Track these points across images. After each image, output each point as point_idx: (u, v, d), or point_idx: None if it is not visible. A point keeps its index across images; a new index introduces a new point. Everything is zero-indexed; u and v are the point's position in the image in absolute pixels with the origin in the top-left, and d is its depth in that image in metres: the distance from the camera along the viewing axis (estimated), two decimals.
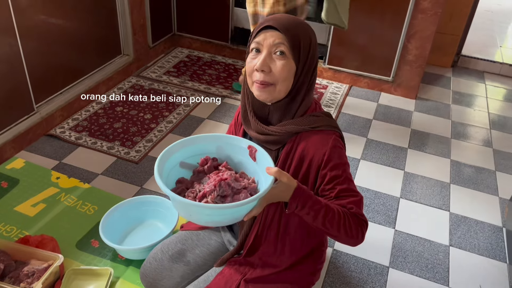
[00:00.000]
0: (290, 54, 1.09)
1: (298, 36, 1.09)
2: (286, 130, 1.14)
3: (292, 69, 1.10)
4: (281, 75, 1.09)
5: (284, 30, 1.08)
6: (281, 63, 1.09)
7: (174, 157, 1.13)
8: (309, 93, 1.17)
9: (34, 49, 2.27)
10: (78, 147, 2.34)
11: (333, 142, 1.14)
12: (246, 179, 1.10)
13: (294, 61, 1.10)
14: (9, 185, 2.04)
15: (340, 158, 1.14)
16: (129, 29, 2.94)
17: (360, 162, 2.42)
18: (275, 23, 1.08)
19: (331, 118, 1.20)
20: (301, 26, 1.11)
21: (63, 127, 2.48)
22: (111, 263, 1.72)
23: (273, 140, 1.17)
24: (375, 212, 2.10)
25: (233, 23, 3.30)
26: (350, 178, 1.15)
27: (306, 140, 1.15)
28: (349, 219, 1.09)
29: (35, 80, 2.29)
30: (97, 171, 2.19)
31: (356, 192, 1.15)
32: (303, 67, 1.12)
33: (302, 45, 1.10)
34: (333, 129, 1.17)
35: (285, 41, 1.08)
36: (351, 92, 3.12)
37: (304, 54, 1.11)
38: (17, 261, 1.62)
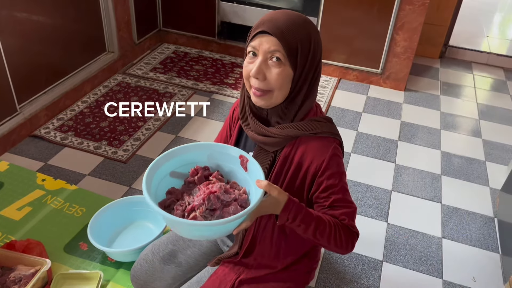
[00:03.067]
0: (287, 60, 1.02)
1: (295, 40, 1.02)
2: (286, 134, 1.10)
3: (289, 75, 1.05)
4: (276, 82, 1.04)
5: (280, 36, 1.00)
6: (276, 71, 1.03)
7: (164, 167, 1.10)
8: (310, 96, 1.12)
9: (15, 47, 2.20)
10: (64, 148, 2.29)
11: (332, 150, 1.11)
12: (237, 190, 1.08)
13: (291, 68, 1.04)
14: None
15: (338, 167, 1.11)
16: (113, 26, 2.88)
17: (351, 155, 2.41)
18: (271, 28, 1.01)
19: (333, 124, 1.16)
20: (301, 28, 1.03)
21: (48, 128, 2.42)
22: (101, 266, 1.68)
23: (271, 142, 1.13)
24: (367, 206, 2.08)
25: (220, 18, 3.25)
26: (346, 188, 1.13)
27: (306, 145, 1.12)
28: (340, 231, 1.08)
29: (17, 80, 2.23)
30: (84, 171, 2.15)
31: (350, 203, 1.12)
32: (302, 72, 1.06)
33: (300, 50, 1.03)
34: (334, 136, 1.14)
35: (281, 48, 1.01)
36: (340, 85, 3.10)
37: (303, 59, 1.04)
38: (3, 267, 1.57)
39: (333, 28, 2.98)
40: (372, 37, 2.93)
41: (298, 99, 1.10)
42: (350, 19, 2.91)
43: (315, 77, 1.10)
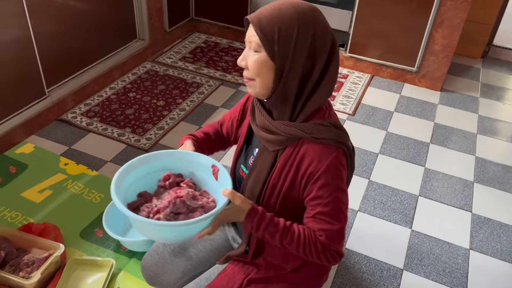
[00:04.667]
0: (262, 48, 0.99)
1: (272, 28, 0.97)
2: (287, 132, 1.05)
3: (266, 64, 1.00)
4: (253, 70, 1.02)
5: (256, 23, 0.99)
6: (252, 58, 1.01)
7: (139, 170, 1.11)
8: (311, 97, 1.04)
9: (46, 31, 2.23)
10: (88, 133, 2.31)
11: (332, 160, 1.03)
12: (206, 198, 1.08)
13: (268, 56, 0.99)
14: (17, 170, 2.03)
15: (334, 179, 1.04)
16: (145, 13, 2.87)
17: (378, 156, 2.31)
18: (252, 16, 1.01)
19: (341, 131, 1.08)
20: (283, 17, 0.97)
21: (74, 112, 2.45)
22: (114, 254, 1.68)
23: (273, 140, 1.09)
24: (391, 210, 1.99)
25: (252, 8, 3.19)
26: (337, 203, 1.05)
27: (307, 148, 1.05)
28: (311, 246, 1.06)
29: (46, 64, 2.26)
30: (106, 158, 2.15)
31: (336, 220, 1.05)
32: (284, 63, 0.99)
33: (278, 38, 0.97)
34: (338, 144, 1.05)
35: (256, 36, 0.99)
36: (373, 83, 2.98)
37: (282, 48, 0.98)
38: (19, 248, 1.60)
39: (368, 22, 2.86)
40: (409, 33, 2.80)
41: (290, 95, 1.03)
42: (386, 14, 2.79)
43: (313, 76, 1.01)
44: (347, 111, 2.64)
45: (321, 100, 1.05)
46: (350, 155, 1.10)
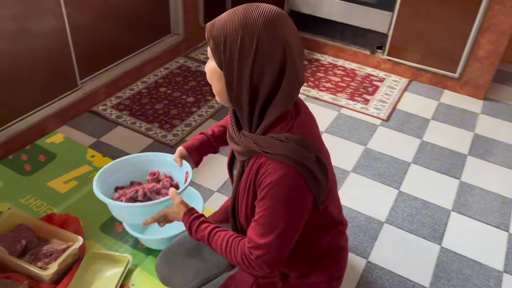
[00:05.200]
0: (212, 56, 1.00)
1: (219, 35, 0.96)
2: (245, 144, 1.03)
3: (215, 72, 1.00)
4: (207, 77, 1.05)
5: (208, 30, 0.99)
6: (207, 65, 1.03)
7: (126, 168, 1.43)
8: (268, 108, 0.99)
9: (81, 23, 2.25)
10: (117, 126, 2.33)
11: (280, 176, 0.97)
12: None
13: (217, 64, 0.99)
14: (46, 159, 2.06)
15: (274, 199, 0.98)
16: (180, 7, 2.87)
17: (411, 166, 2.20)
18: (208, 25, 1.00)
19: (299, 147, 0.98)
20: (231, 23, 0.94)
21: (105, 105, 2.47)
22: (132, 250, 1.67)
23: (237, 150, 1.08)
24: (420, 224, 1.89)
25: (289, 6, 3.13)
26: (273, 218, 1.00)
27: (264, 161, 1.01)
28: (231, 253, 1.08)
29: (80, 56, 2.29)
30: (132, 152, 2.16)
31: (266, 234, 1.00)
32: (229, 70, 0.96)
33: (224, 46, 0.95)
34: (290, 162, 0.97)
35: (208, 42, 1.00)
36: (410, 88, 2.85)
37: (228, 56, 0.95)
38: (40, 238, 1.62)
39: (409, 24, 2.73)
40: (452, 37, 2.65)
41: (243, 105, 0.99)
42: (429, 16, 2.65)
43: (263, 86, 0.96)
44: (381, 117, 2.54)
45: (277, 111, 0.99)
46: (312, 174, 1.01)
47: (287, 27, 0.96)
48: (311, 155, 1.00)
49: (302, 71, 1.00)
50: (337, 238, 1.24)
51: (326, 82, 2.84)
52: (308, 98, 2.67)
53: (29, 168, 2.01)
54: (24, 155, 2.08)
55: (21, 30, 1.97)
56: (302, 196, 1.01)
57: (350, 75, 2.93)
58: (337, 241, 1.25)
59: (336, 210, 1.22)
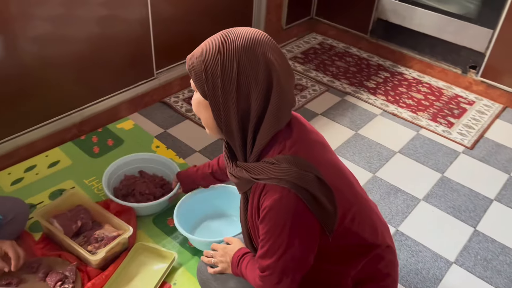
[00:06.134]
0: (195, 87, 0.97)
1: (200, 65, 0.93)
2: (239, 175, 1.00)
3: (201, 102, 0.97)
4: (193, 109, 1.01)
5: (188, 61, 0.96)
6: (193, 97, 1.00)
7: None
8: (260, 130, 0.94)
9: (163, 14, 2.28)
10: (185, 120, 2.34)
11: (273, 203, 0.92)
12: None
13: (201, 94, 0.95)
14: (114, 144, 2.12)
15: (271, 222, 0.94)
16: (263, 7, 2.82)
17: (492, 203, 1.96)
18: (188, 56, 0.98)
19: (290, 166, 0.92)
20: (209, 50, 0.92)
21: (177, 97, 2.50)
22: (179, 248, 1.65)
23: (235, 182, 1.06)
24: (495, 271, 1.67)
25: (377, 14, 2.96)
26: (269, 246, 0.97)
27: (262, 188, 0.96)
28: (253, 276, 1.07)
29: (159, 46, 2.32)
30: (195, 147, 2.15)
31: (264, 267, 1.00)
32: (214, 99, 0.93)
33: (206, 75, 0.92)
34: (285, 184, 0.91)
35: (189, 73, 0.96)
36: (504, 115, 2.56)
37: (210, 84, 0.92)
38: (95, 221, 1.65)
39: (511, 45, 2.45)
40: None
41: (234, 132, 0.95)
42: None
43: (251, 111, 0.92)
44: (465, 143, 2.30)
45: (267, 135, 0.94)
46: (314, 197, 0.92)
47: (268, 46, 0.91)
48: (309, 174, 0.92)
49: (291, 91, 0.97)
50: (374, 263, 1.10)
51: (407, 98, 2.64)
52: (385, 113, 2.49)
53: (97, 151, 2.07)
54: (95, 137, 2.15)
55: (109, 16, 2.04)
56: (303, 221, 0.94)
57: (436, 93, 2.70)
58: (376, 266, 1.11)
59: (369, 231, 1.08)
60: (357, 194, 1.07)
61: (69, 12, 1.90)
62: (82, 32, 1.98)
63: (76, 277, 1.46)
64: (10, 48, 1.78)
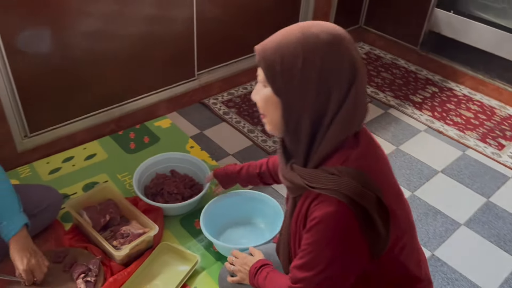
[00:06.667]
0: (266, 82, 0.87)
1: (274, 58, 0.84)
2: (291, 179, 0.93)
3: (270, 100, 0.88)
4: (260, 106, 0.92)
5: (259, 52, 0.87)
6: (260, 92, 0.91)
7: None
8: (326, 136, 0.86)
9: (207, 15, 2.29)
10: (222, 122, 2.33)
11: (326, 215, 0.85)
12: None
13: (273, 91, 0.86)
14: (150, 141, 2.14)
15: (318, 235, 0.87)
16: (310, 14, 2.78)
17: None
18: (258, 47, 0.89)
19: (352, 181, 0.84)
20: (287, 44, 0.83)
21: (216, 99, 2.49)
22: (204, 251, 1.63)
23: (286, 185, 0.98)
24: None
25: (429, 26, 2.83)
26: (309, 259, 0.90)
27: (315, 197, 0.89)
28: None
29: (201, 47, 2.33)
30: (229, 150, 2.14)
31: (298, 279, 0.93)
32: (289, 98, 0.85)
33: (282, 69, 0.84)
34: (342, 198, 0.83)
35: (260, 67, 0.88)
36: None
37: (285, 81, 0.84)
38: (123, 217, 1.66)
39: None
40: None
41: (302, 136, 0.87)
42: None
43: (328, 113, 0.84)
44: None
45: (333, 141, 0.86)
46: (370, 219, 0.85)
47: (351, 43, 0.85)
48: (370, 194, 0.84)
49: (366, 94, 0.92)
50: None
51: (455, 115, 2.50)
52: (429, 130, 2.37)
53: (133, 147, 2.10)
54: (132, 133, 2.18)
55: (156, 15, 2.07)
56: (352, 240, 0.87)
57: (487, 113, 2.54)
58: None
59: (414, 263, 1.01)
60: (410, 223, 1.00)
61: (120, 10, 1.94)
62: (131, 30, 2.01)
63: (99, 271, 1.47)
64: (62, 42, 1.84)
